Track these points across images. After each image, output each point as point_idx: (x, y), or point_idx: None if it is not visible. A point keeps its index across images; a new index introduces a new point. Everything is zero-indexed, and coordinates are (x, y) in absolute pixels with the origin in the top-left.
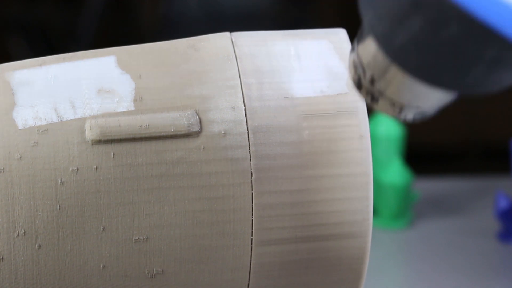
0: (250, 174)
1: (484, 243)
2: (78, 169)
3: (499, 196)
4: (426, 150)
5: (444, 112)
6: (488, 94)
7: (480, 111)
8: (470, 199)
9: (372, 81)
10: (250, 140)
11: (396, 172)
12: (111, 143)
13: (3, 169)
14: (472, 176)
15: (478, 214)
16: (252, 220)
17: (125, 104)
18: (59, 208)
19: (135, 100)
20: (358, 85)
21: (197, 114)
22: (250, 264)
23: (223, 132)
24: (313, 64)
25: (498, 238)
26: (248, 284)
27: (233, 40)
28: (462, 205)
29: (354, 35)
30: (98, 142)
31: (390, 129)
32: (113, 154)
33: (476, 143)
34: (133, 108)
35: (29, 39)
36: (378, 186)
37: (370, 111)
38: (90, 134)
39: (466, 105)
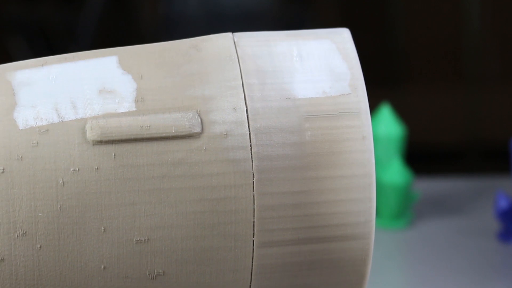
0: (252, 176)
1: (484, 243)
2: (78, 170)
3: (499, 196)
4: (426, 150)
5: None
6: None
7: (480, 111)
8: (470, 199)
9: None
10: (251, 141)
11: (396, 172)
12: (112, 143)
13: (3, 169)
14: (472, 176)
15: (478, 214)
16: (253, 221)
17: (127, 104)
18: (60, 209)
19: (136, 101)
20: None
21: (199, 115)
22: (252, 266)
23: (224, 133)
24: (316, 65)
25: (498, 238)
26: (250, 286)
27: (235, 40)
28: (462, 205)
29: (356, 35)
30: (99, 142)
31: (390, 129)
32: (114, 155)
33: (476, 143)
34: (134, 109)
35: (29, 39)
36: (378, 186)
37: (372, 112)
38: (91, 134)
39: (466, 105)
